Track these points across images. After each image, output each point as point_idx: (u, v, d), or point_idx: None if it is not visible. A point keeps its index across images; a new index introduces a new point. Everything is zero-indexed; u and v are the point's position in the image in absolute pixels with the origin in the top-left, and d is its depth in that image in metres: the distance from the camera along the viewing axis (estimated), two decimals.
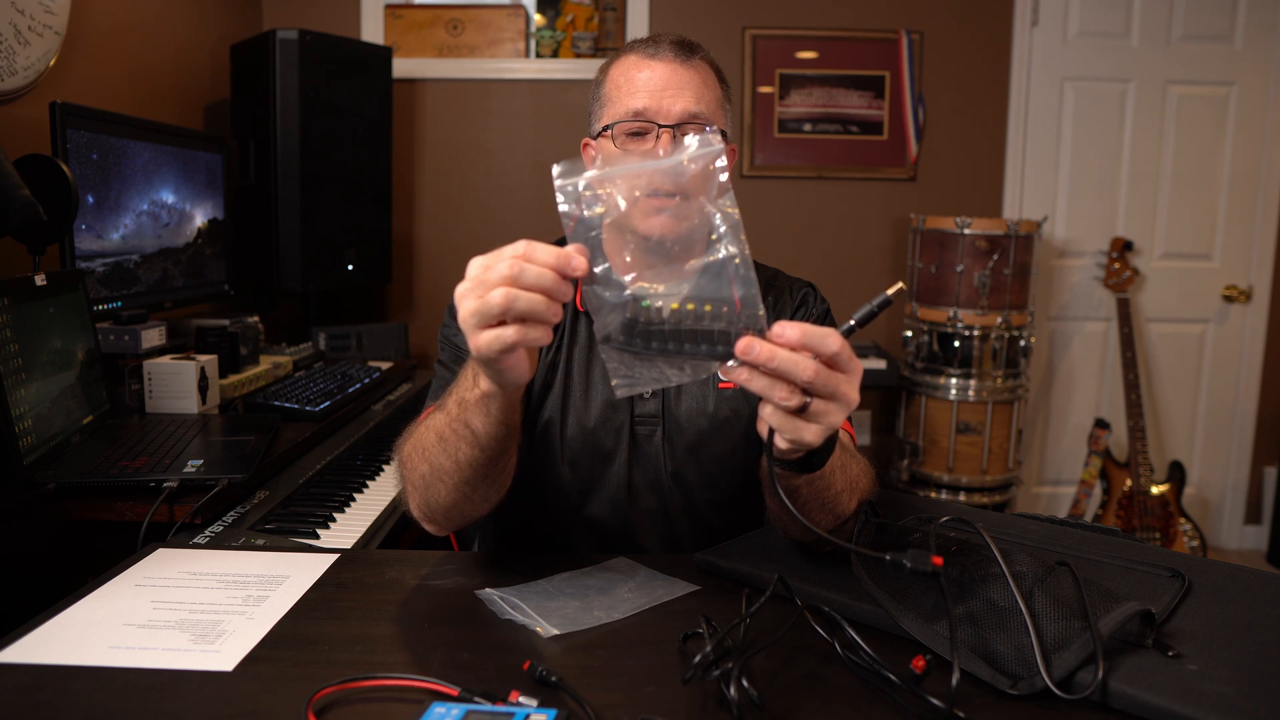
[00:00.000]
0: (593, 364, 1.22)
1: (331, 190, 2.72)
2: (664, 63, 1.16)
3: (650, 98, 1.14)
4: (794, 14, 3.23)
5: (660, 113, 1.14)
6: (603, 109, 1.20)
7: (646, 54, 1.17)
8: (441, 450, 0.96)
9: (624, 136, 1.15)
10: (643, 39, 1.20)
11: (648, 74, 1.16)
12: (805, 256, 3.31)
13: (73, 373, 1.54)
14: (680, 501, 1.22)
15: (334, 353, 2.70)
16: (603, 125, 1.18)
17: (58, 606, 0.93)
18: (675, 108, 1.14)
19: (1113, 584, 0.89)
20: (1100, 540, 1.05)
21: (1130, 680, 0.73)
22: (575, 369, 1.22)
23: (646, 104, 1.14)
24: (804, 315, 1.30)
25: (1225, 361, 3.41)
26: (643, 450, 1.21)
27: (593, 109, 1.23)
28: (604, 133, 1.18)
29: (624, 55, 1.20)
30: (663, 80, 1.15)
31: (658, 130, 1.14)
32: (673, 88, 1.15)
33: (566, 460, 1.20)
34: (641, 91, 1.15)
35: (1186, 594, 0.90)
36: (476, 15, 3.19)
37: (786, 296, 1.32)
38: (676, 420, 1.21)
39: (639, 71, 1.16)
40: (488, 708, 0.72)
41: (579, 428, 1.21)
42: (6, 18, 1.82)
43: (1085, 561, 0.98)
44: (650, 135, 1.15)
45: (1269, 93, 3.27)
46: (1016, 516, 1.15)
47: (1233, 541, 3.48)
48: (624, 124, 1.15)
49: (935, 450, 3.01)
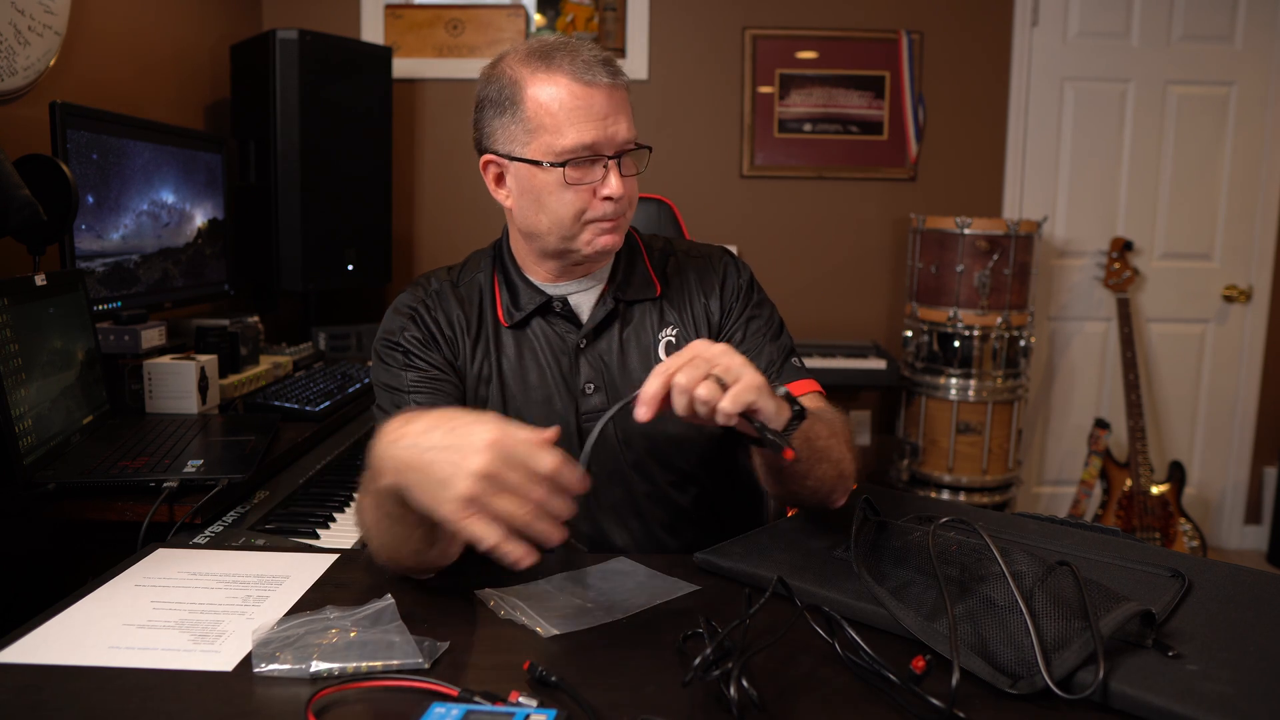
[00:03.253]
0: (526, 372, 1.21)
1: (331, 190, 2.72)
2: (602, 89, 1.11)
3: (598, 130, 1.10)
4: (794, 14, 3.23)
5: (607, 144, 1.12)
6: (531, 135, 1.12)
7: (583, 79, 1.10)
8: (385, 533, 0.94)
9: (573, 169, 1.11)
10: (554, 50, 1.12)
11: (589, 103, 1.10)
12: (805, 256, 3.31)
13: (73, 373, 1.54)
14: (645, 489, 1.22)
15: (334, 353, 2.70)
16: (543, 161, 1.12)
17: (58, 606, 0.93)
18: (619, 137, 1.12)
19: (1113, 584, 0.89)
20: (1100, 540, 1.05)
21: (1130, 680, 0.73)
22: (509, 379, 1.21)
23: (597, 138, 1.10)
24: (731, 288, 1.27)
25: (1225, 361, 3.41)
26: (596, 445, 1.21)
27: (503, 125, 1.14)
28: (542, 164, 1.12)
29: (547, 71, 1.11)
30: (604, 109, 1.11)
31: (605, 161, 1.12)
32: (613, 115, 1.12)
33: None
34: (589, 124, 1.10)
35: (1187, 594, 0.90)
36: (476, 15, 3.19)
37: (710, 271, 1.28)
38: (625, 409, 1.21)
39: (579, 100, 1.10)
40: (488, 708, 0.72)
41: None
42: (6, 18, 1.82)
43: (1085, 561, 0.98)
44: (597, 165, 1.12)
45: (1269, 93, 3.27)
46: (1016, 516, 1.15)
47: (1233, 541, 3.48)
48: (575, 159, 1.11)
49: (935, 450, 3.01)
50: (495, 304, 1.24)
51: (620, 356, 1.22)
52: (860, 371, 2.96)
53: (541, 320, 1.23)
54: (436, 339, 1.21)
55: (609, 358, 1.22)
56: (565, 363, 1.21)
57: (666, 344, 1.23)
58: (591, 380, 1.21)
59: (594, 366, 1.21)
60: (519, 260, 1.25)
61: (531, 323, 1.23)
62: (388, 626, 0.85)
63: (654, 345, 1.23)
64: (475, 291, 1.25)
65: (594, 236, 1.15)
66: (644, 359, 1.22)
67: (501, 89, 1.14)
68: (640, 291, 1.25)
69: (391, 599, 0.89)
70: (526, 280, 1.24)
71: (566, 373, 1.21)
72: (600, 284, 1.24)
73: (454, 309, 1.23)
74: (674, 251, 1.31)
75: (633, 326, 1.24)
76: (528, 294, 1.23)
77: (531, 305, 1.22)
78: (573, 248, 1.17)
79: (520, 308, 1.22)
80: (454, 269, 1.29)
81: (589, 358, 1.22)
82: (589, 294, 1.24)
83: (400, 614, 0.88)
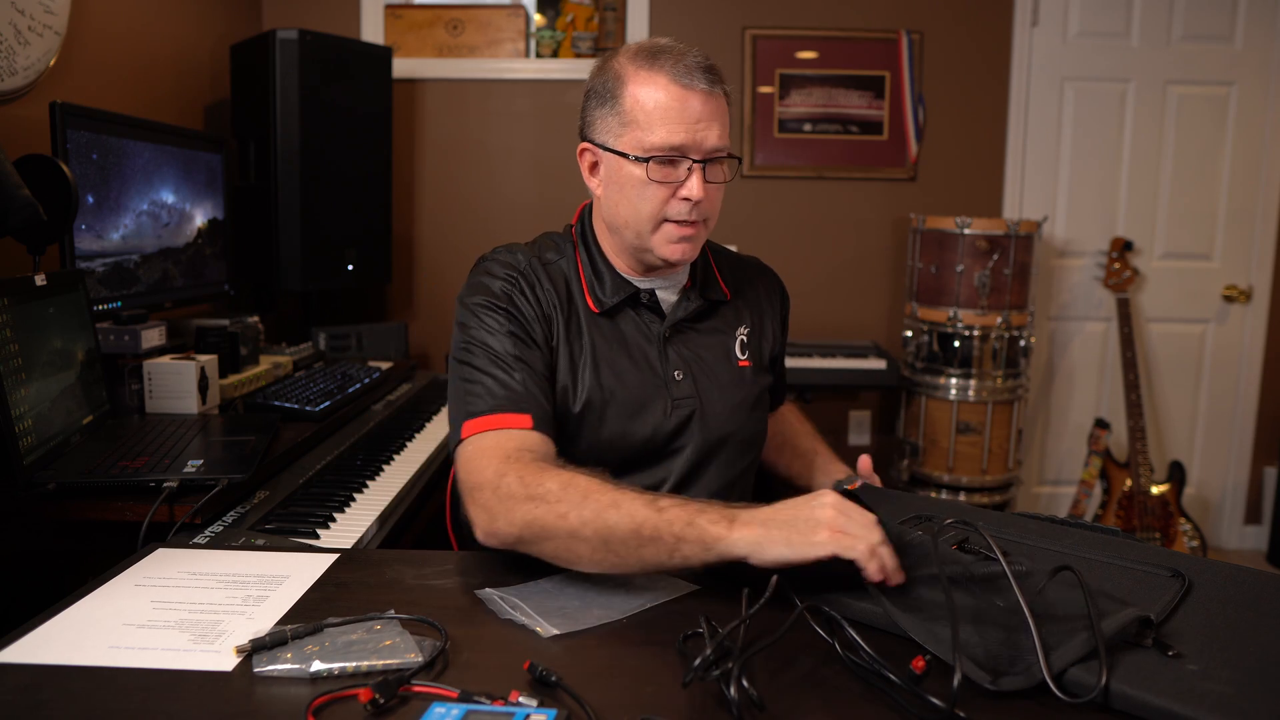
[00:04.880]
0: (617, 358, 1.25)
1: (331, 190, 2.72)
2: (699, 95, 1.16)
3: (687, 133, 1.16)
4: (794, 14, 3.23)
5: (694, 148, 1.16)
6: (624, 129, 1.18)
7: (681, 82, 1.15)
8: (630, 549, 0.94)
9: (656, 166, 1.17)
10: (662, 52, 1.18)
11: (683, 105, 1.15)
12: (805, 256, 3.31)
13: (73, 373, 1.54)
14: (712, 489, 1.30)
15: (334, 353, 2.70)
16: (632, 155, 1.17)
17: (58, 606, 0.93)
18: (707, 143, 1.17)
19: (1113, 584, 0.89)
20: (1100, 540, 1.05)
21: (1130, 680, 0.73)
22: (603, 363, 1.24)
23: (685, 140, 1.16)
24: (783, 307, 1.46)
25: (1225, 361, 3.41)
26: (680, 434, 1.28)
27: (602, 116, 1.21)
28: (629, 157, 1.18)
29: (649, 70, 1.17)
30: (697, 113, 1.16)
31: (690, 164, 1.17)
32: (705, 121, 1.16)
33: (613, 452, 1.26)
34: (680, 126, 1.15)
35: (1186, 594, 0.90)
36: (476, 15, 3.19)
37: (769, 284, 1.44)
38: (709, 408, 1.29)
39: (675, 102, 1.15)
40: (488, 708, 0.72)
41: (621, 426, 1.25)
42: (6, 18, 1.82)
43: (1085, 561, 0.98)
44: (682, 166, 1.17)
45: (1269, 93, 3.27)
46: (1016, 515, 1.15)
47: (1233, 541, 3.48)
48: (658, 156, 1.16)
49: (935, 450, 3.01)
50: (583, 290, 1.28)
51: (702, 349, 1.31)
52: (860, 371, 2.96)
53: (629, 310, 1.28)
54: (536, 312, 1.22)
55: (693, 348, 1.30)
56: (653, 351, 1.27)
57: (740, 342, 1.34)
58: (679, 368, 1.27)
59: (680, 355, 1.28)
60: (605, 251, 1.29)
61: (620, 312, 1.28)
62: (388, 626, 0.85)
63: (731, 341, 1.33)
64: (561, 273, 1.28)
65: (668, 241, 1.21)
66: (723, 352, 1.32)
67: (606, 82, 1.20)
68: (716, 293, 1.35)
69: (393, 612, 0.89)
70: (614, 271, 1.28)
71: (655, 360, 1.27)
72: (682, 282, 1.32)
73: (546, 284, 1.25)
74: (726, 258, 1.42)
75: (711, 322, 1.34)
76: (615, 284, 1.27)
77: (620, 295, 1.27)
78: (647, 246, 1.22)
79: (609, 296, 1.27)
80: (532, 246, 1.31)
81: (675, 347, 1.28)
82: (672, 291, 1.31)
83: (400, 615, 0.88)
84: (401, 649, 0.81)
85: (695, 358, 1.29)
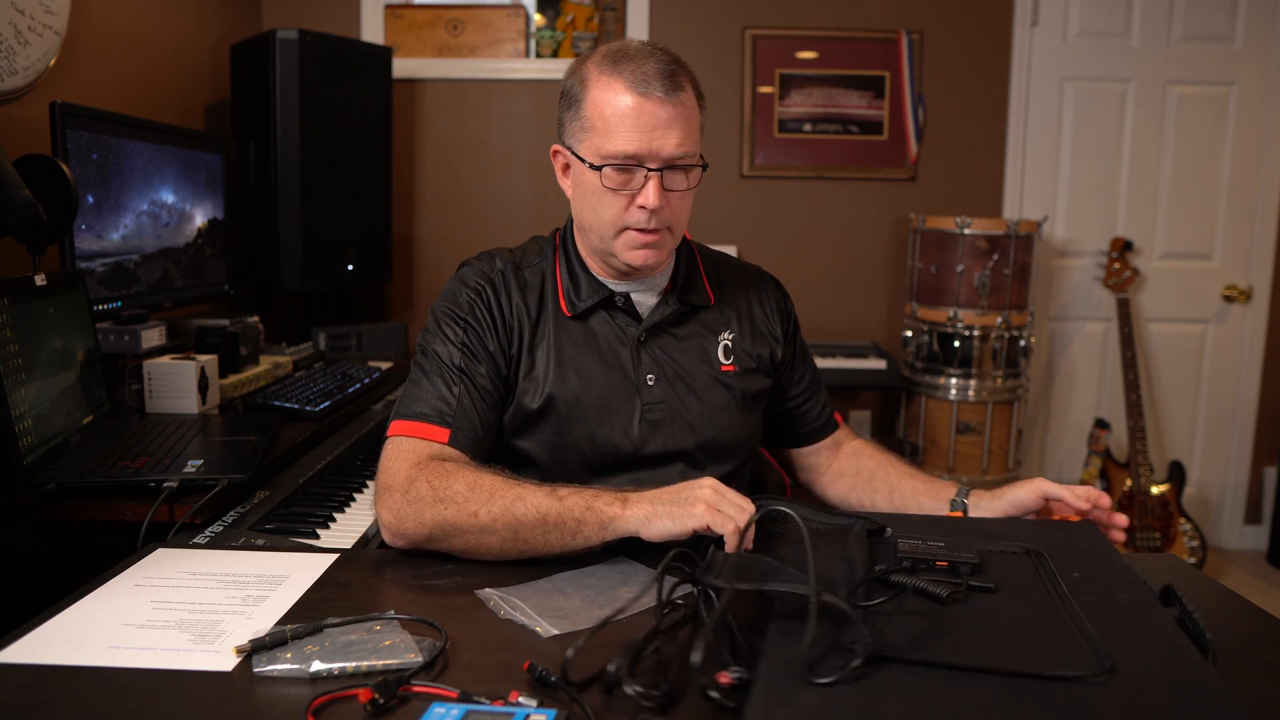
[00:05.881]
0: (587, 361, 1.25)
1: (331, 190, 2.72)
2: (655, 102, 1.14)
3: (641, 141, 1.14)
4: (794, 14, 3.23)
5: (650, 156, 1.15)
6: (584, 134, 1.18)
7: (637, 90, 1.14)
8: (536, 536, 1.03)
9: (612, 173, 1.16)
10: (625, 57, 1.16)
11: (638, 114, 1.14)
12: (805, 256, 3.31)
13: (73, 373, 1.54)
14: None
15: (334, 353, 2.70)
16: (589, 161, 1.17)
17: (58, 606, 0.93)
18: (664, 151, 1.15)
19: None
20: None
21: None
22: (569, 367, 1.24)
23: (638, 149, 1.14)
24: (790, 313, 1.42)
25: (1225, 361, 3.41)
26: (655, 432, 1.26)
27: (567, 121, 1.21)
28: (587, 164, 1.17)
29: (610, 76, 1.16)
30: (652, 121, 1.14)
31: (646, 172, 1.15)
32: (662, 128, 1.15)
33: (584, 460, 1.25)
34: (633, 134, 1.14)
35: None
36: (476, 15, 3.19)
37: (762, 288, 1.40)
38: (683, 414, 1.28)
39: (629, 110, 1.14)
40: (488, 708, 0.72)
41: (588, 427, 1.25)
42: (6, 18, 1.82)
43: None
44: (639, 174, 1.16)
45: (1269, 93, 3.27)
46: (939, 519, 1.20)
47: (1232, 541, 3.48)
48: (613, 164, 1.16)
49: (935, 450, 3.01)
50: (558, 293, 1.28)
51: (680, 354, 1.28)
52: (860, 371, 2.96)
53: (604, 313, 1.27)
54: (496, 324, 1.23)
55: (669, 353, 1.27)
56: (626, 355, 1.26)
57: (724, 347, 1.31)
58: (652, 372, 1.26)
59: (655, 360, 1.26)
60: (582, 254, 1.29)
61: (593, 315, 1.27)
62: (387, 627, 0.85)
63: (713, 346, 1.31)
64: (538, 277, 1.28)
65: (630, 248, 1.20)
66: (703, 358, 1.29)
67: (574, 84, 1.20)
68: (698, 297, 1.32)
69: (393, 613, 0.89)
70: (590, 274, 1.28)
71: (627, 364, 1.25)
72: (662, 285, 1.30)
73: (516, 294, 1.26)
74: (719, 263, 1.39)
75: (691, 327, 1.31)
76: (590, 287, 1.27)
77: (594, 299, 1.26)
78: (611, 251, 1.22)
79: (583, 299, 1.26)
80: (515, 251, 1.33)
81: (649, 351, 1.27)
82: (650, 294, 1.30)
83: (400, 615, 0.88)
84: (401, 649, 0.81)
85: (671, 362, 1.27)
